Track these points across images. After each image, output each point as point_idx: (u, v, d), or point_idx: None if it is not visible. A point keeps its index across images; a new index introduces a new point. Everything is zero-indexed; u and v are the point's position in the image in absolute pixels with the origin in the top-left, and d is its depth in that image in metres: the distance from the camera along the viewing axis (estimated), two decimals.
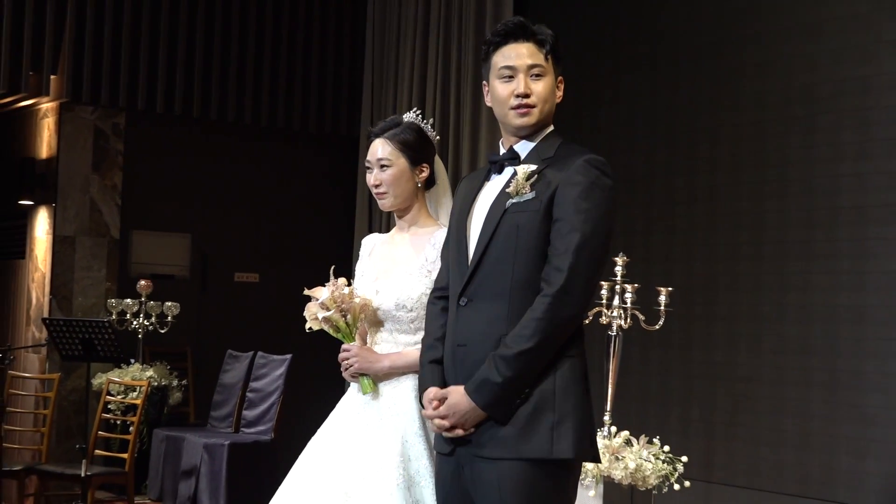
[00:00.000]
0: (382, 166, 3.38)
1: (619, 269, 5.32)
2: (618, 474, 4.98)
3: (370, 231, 8.50)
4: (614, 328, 5.36)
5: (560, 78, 3.01)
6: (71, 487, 6.99)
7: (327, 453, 3.26)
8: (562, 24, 7.98)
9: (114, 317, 7.74)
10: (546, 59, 2.96)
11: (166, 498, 7.25)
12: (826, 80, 6.41)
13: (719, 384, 6.80)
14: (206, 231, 8.69)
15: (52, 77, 7.91)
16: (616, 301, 5.35)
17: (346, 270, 8.23)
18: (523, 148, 2.98)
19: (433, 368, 2.98)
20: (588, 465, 5.03)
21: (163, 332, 7.90)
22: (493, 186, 2.99)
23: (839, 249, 6.29)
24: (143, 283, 7.91)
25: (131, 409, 7.08)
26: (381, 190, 3.40)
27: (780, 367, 6.49)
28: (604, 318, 5.35)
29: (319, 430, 3.37)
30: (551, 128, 3.02)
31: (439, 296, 3.07)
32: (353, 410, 3.32)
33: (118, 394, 7.20)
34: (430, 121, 3.52)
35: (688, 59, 7.18)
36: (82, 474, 6.31)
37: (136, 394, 7.15)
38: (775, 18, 6.72)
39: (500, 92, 2.97)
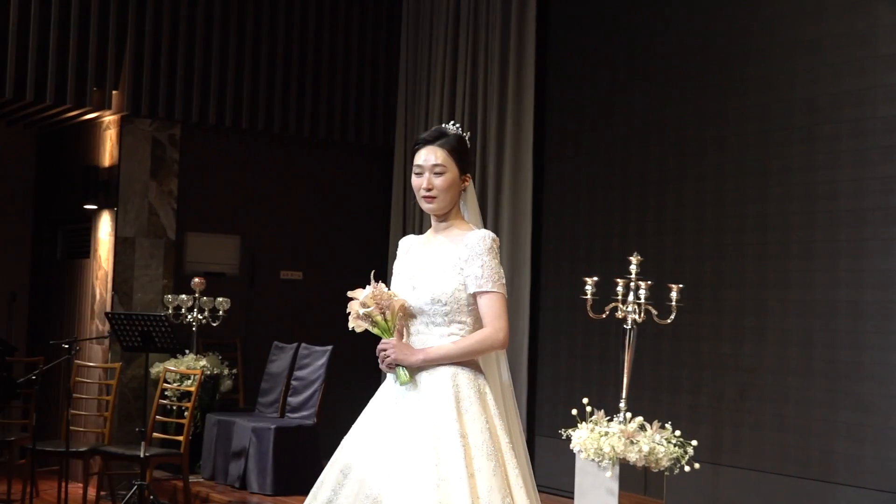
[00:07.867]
0: (437, 172, 3.25)
1: (633, 268, 5.27)
2: (632, 457, 4.95)
3: (404, 233, 8.47)
4: (629, 322, 5.33)
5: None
6: (131, 467, 7.01)
7: (368, 439, 3.21)
8: (582, 43, 7.95)
9: (170, 311, 7.76)
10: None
11: (218, 477, 7.27)
12: (825, 92, 6.33)
13: (726, 374, 6.74)
14: (254, 232, 8.70)
15: (114, 93, 7.94)
16: (631, 297, 5.31)
17: (382, 269, 8.22)
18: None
19: None
20: (605, 448, 5.01)
21: (215, 325, 7.91)
22: None
23: (838, 249, 6.21)
24: (196, 280, 7.92)
25: (186, 395, 7.10)
26: (432, 194, 3.26)
27: (783, 358, 6.42)
28: (619, 312, 5.31)
29: (360, 417, 3.31)
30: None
31: None
32: (391, 399, 3.26)
33: (174, 381, 7.22)
34: (468, 133, 3.41)
35: (697, 73, 7.11)
36: (141, 455, 6.33)
37: (190, 382, 7.16)
38: (778, 35, 6.65)
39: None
